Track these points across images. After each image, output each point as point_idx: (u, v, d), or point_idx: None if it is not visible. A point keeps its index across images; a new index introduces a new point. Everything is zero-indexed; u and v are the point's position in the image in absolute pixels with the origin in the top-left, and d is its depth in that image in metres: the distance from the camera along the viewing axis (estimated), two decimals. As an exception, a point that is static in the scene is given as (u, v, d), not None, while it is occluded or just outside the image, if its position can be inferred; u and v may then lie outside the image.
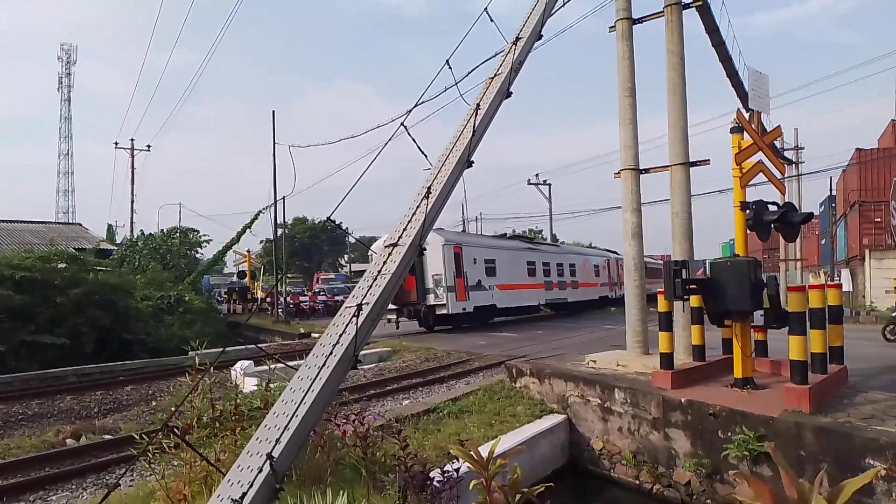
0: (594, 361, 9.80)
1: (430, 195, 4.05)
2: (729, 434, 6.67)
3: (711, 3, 11.18)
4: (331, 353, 3.48)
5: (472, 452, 3.43)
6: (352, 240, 60.03)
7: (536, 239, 41.88)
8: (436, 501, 4.15)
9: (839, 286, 8.49)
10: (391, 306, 20.77)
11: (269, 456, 2.98)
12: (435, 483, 4.12)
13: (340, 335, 3.52)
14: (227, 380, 10.93)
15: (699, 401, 7.15)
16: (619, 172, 10.20)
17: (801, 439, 6.07)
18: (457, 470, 4.19)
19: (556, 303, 29.03)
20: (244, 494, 2.86)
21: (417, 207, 4.03)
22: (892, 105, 28.86)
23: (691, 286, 7.58)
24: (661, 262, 29.66)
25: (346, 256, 74.71)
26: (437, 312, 20.82)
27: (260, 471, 2.99)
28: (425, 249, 16.04)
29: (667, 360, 8.10)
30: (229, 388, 6.40)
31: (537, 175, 44.47)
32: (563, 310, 29.87)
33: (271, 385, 5.79)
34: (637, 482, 7.71)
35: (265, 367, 6.94)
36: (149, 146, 41.13)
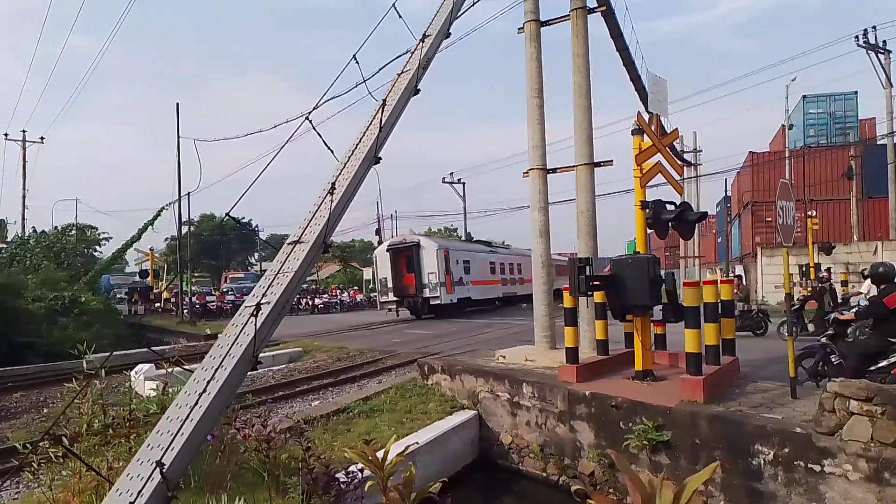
0: (504, 357, 9.95)
1: (335, 191, 3.98)
2: (630, 425, 6.90)
3: (616, 9, 11.61)
4: (227, 354, 3.35)
5: (365, 452, 3.39)
6: (263, 236, 58.66)
7: (453, 237, 42.90)
8: (340, 503, 4.09)
9: (731, 282, 8.97)
10: (391, 297, 26.25)
11: (159, 463, 2.83)
12: (339, 485, 4.05)
13: (238, 335, 3.40)
14: (123, 385, 10.38)
15: (602, 393, 7.37)
16: (527, 172, 10.40)
17: (695, 428, 6.36)
18: (361, 470, 4.14)
19: (509, 296, 33.11)
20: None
21: (321, 204, 3.94)
22: (783, 111, 30.70)
23: (595, 282, 7.83)
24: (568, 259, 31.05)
25: (256, 255, 72.65)
26: (432, 303, 25.41)
27: (149, 479, 2.84)
28: (422, 251, 22.10)
29: (572, 354, 8.33)
30: (124, 393, 6.07)
31: (452, 174, 44.66)
32: (517, 302, 32.78)
33: (169, 389, 5.55)
34: (544, 474, 7.88)
35: (167, 371, 6.64)
36: (42, 138, 38.48)
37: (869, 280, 14.45)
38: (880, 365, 6.76)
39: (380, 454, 3.49)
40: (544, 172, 10.33)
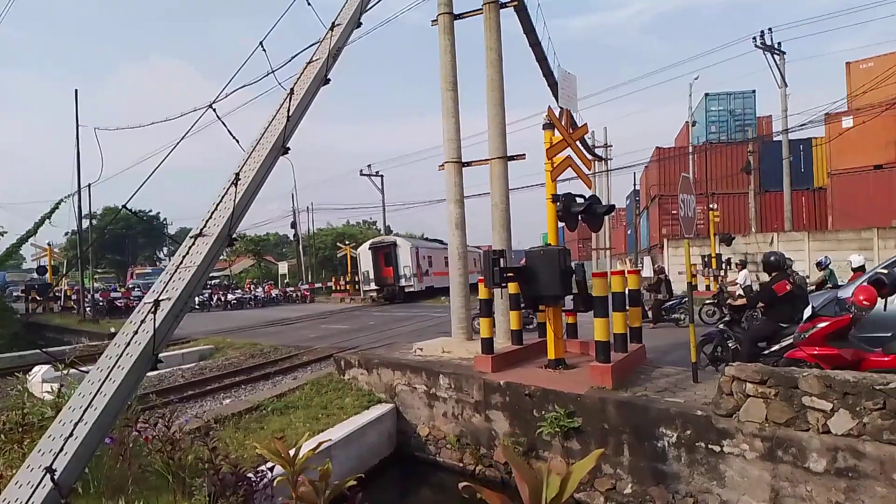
0: (421, 349, 9.97)
1: (240, 182, 3.84)
2: (543, 413, 7.06)
3: (528, 5, 11.80)
4: (125, 353, 3.17)
5: (277, 448, 3.31)
6: (171, 230, 56.27)
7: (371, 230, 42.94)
8: (250, 503, 3.98)
9: (637, 272, 9.32)
10: (373, 286, 32.36)
11: (49, 469, 2.65)
12: (249, 484, 3.94)
13: (135, 333, 3.23)
14: (17, 388, 9.73)
15: (516, 382, 7.51)
16: (443, 165, 10.44)
17: (604, 413, 6.58)
18: (271, 469, 4.04)
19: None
20: (18, 515, 2.53)
21: (225, 194, 3.80)
22: (687, 108, 32.15)
23: (508, 274, 7.96)
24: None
25: (164, 250, 69.69)
26: (406, 290, 31.40)
27: (39, 485, 2.66)
28: (398, 248, 28.57)
29: (487, 344, 8.45)
30: (17, 396, 5.67)
31: (370, 166, 44.30)
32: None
33: (65, 391, 5.24)
34: (461, 464, 7.95)
35: (63, 374, 6.26)
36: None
37: (745, 270, 15.61)
38: (772, 349, 7.22)
39: (292, 451, 3.41)
40: (459, 165, 10.40)
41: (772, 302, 7.46)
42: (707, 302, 15.84)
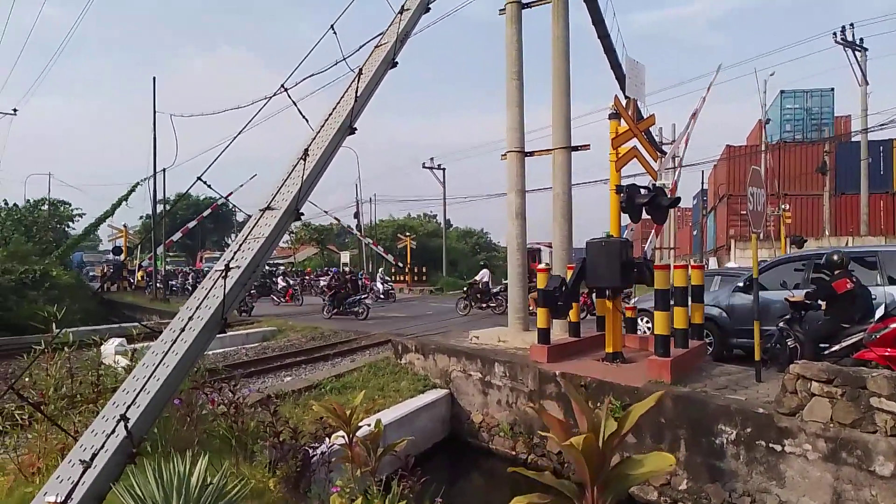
0: (477, 337, 10.02)
1: (308, 157, 3.96)
2: (598, 404, 6.97)
3: (597, -2, 11.65)
4: (195, 316, 3.34)
5: (335, 407, 3.41)
6: (240, 217, 57.90)
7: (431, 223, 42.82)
8: (306, 470, 4.11)
9: (701, 267, 9.09)
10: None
11: (123, 417, 2.82)
12: (307, 449, 4.07)
13: (206, 297, 3.39)
14: (92, 358, 10.28)
15: (572, 373, 7.48)
16: (505, 154, 10.42)
17: (661, 407, 6.45)
18: (328, 435, 4.16)
19: None
20: (94, 455, 2.70)
21: (293, 170, 3.93)
22: (759, 106, 31.03)
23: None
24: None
25: (232, 236, 71.84)
26: None
27: (113, 433, 2.84)
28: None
29: (544, 335, 8.41)
30: (92, 362, 6.00)
31: (432, 159, 44.40)
32: None
33: (136, 358, 5.51)
34: (513, 453, 7.97)
35: (140, 346, 6.58)
36: (15, 110, 37.53)
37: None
38: (833, 349, 7.00)
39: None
40: (522, 155, 10.37)
41: (832, 300, 7.21)
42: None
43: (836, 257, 7.50)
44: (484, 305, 19.73)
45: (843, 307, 7.14)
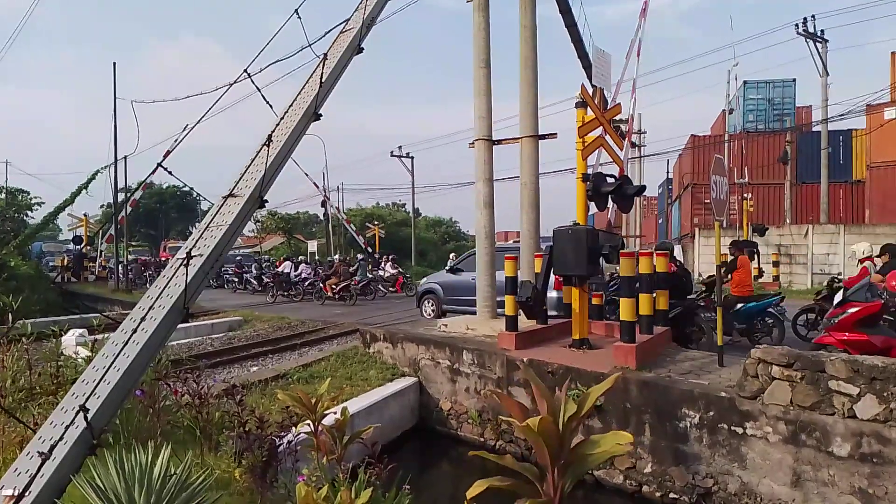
0: (445, 326, 10.04)
1: (272, 143, 3.90)
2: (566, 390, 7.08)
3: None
4: (156, 305, 3.28)
5: (300, 396, 3.39)
6: (205, 206, 56.94)
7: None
8: (273, 460, 4.08)
9: (666, 254, 9.21)
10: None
11: (83, 408, 2.77)
12: (273, 439, 4.04)
13: (167, 286, 3.32)
14: (52, 349, 10.07)
15: (539, 360, 7.53)
16: (473, 142, 10.41)
17: (627, 392, 6.58)
18: (295, 424, 4.14)
19: None
20: (53, 447, 2.65)
21: (257, 156, 3.87)
22: (724, 96, 31.54)
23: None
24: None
25: (197, 225, 70.62)
26: None
27: (72, 424, 2.78)
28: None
29: (511, 322, 8.47)
30: (51, 353, 5.87)
31: (400, 147, 44.16)
32: None
33: (97, 349, 5.41)
34: (482, 439, 8.02)
35: (101, 337, 6.45)
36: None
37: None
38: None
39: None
40: (490, 143, 10.37)
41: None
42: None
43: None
44: None
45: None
